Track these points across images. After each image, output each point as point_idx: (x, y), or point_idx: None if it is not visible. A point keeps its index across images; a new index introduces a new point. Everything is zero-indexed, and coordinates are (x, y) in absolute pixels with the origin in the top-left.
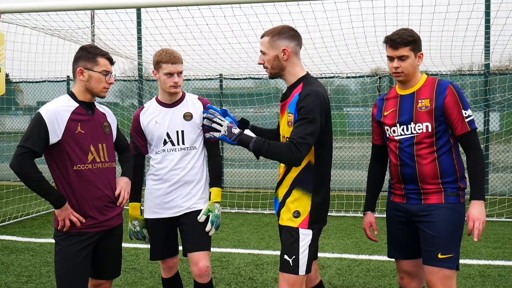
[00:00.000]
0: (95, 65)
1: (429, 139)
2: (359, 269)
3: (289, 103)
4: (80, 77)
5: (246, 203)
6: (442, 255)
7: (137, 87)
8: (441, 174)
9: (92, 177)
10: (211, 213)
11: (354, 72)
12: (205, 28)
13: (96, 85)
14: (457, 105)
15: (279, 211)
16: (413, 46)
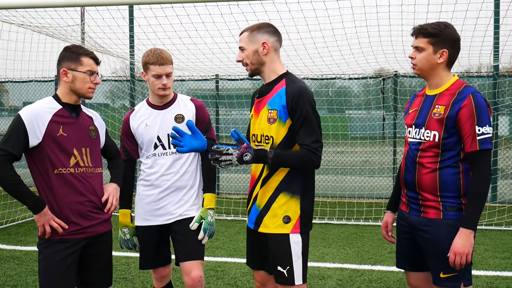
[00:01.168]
0: (79, 65)
1: (434, 149)
2: (361, 280)
3: (269, 99)
4: (64, 78)
5: (243, 210)
6: (444, 274)
7: (128, 88)
8: (441, 187)
9: (74, 182)
10: (204, 220)
11: (356, 73)
12: (201, 27)
13: (81, 85)
14: (472, 119)
15: (260, 218)
16: (434, 39)
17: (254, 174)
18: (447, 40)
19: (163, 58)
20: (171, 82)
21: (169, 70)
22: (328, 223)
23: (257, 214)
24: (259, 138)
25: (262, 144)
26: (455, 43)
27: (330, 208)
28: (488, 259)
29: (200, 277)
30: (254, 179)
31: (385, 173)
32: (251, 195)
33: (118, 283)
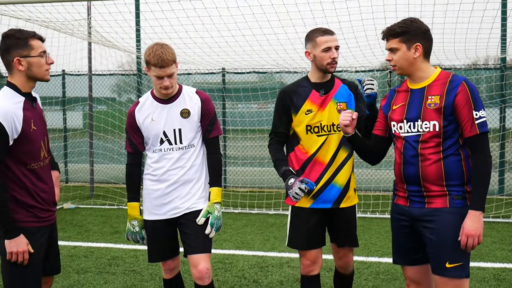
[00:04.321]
0: (31, 49)
1: (436, 139)
2: (368, 272)
3: (334, 94)
4: (19, 67)
5: (250, 203)
6: (450, 264)
7: (135, 82)
8: (446, 176)
9: (42, 173)
10: (211, 215)
11: (363, 66)
12: (207, 20)
13: (39, 70)
14: (468, 104)
15: (342, 195)
16: (403, 37)
17: (322, 161)
18: (417, 34)
19: (164, 61)
20: (174, 81)
21: (170, 71)
22: None
23: (338, 192)
24: (329, 127)
25: (331, 132)
26: (425, 35)
27: None
28: (496, 251)
29: (207, 269)
30: (323, 165)
31: (392, 166)
32: (320, 179)
33: (127, 275)
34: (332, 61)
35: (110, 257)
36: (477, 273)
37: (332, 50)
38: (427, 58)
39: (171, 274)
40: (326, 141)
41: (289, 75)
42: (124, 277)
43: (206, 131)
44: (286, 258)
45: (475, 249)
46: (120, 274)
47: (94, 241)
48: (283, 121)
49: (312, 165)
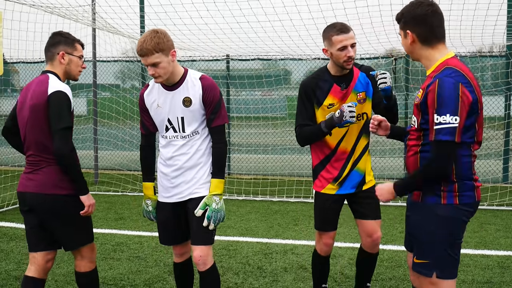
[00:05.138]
0: (74, 50)
1: (417, 133)
2: None
3: (353, 86)
4: (62, 61)
5: (254, 190)
6: (417, 259)
7: (139, 68)
8: None
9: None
10: (208, 207)
11: (368, 53)
12: (212, 6)
13: (75, 68)
14: (433, 106)
15: (364, 180)
16: (400, 24)
17: (345, 150)
18: (407, 21)
19: (142, 49)
20: (162, 71)
21: (151, 60)
22: None
23: (360, 178)
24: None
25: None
26: (416, 20)
27: None
28: (500, 239)
29: (200, 256)
30: (346, 154)
31: (396, 154)
32: (345, 167)
33: (132, 261)
34: (348, 59)
35: (115, 243)
36: (481, 260)
37: (347, 49)
38: (427, 45)
39: (180, 259)
40: (348, 131)
41: (294, 62)
42: (128, 263)
43: (209, 119)
44: (290, 245)
45: (479, 236)
46: (124, 260)
47: (99, 227)
48: (310, 112)
49: (336, 155)
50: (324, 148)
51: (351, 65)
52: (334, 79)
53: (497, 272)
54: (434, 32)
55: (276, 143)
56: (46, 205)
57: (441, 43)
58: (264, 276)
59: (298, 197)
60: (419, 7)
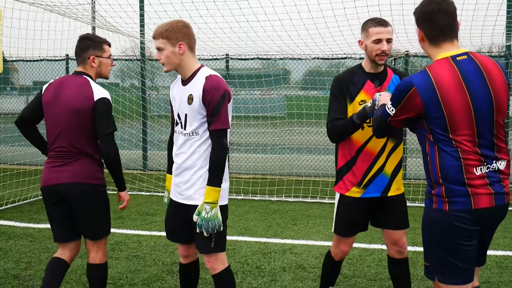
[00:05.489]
0: (103, 52)
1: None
2: (371, 259)
3: (387, 86)
4: (93, 64)
5: (253, 189)
6: (424, 261)
7: (139, 67)
8: (425, 174)
9: None
10: (200, 215)
11: None
12: (212, 5)
13: (105, 69)
14: None
15: (389, 184)
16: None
17: (373, 151)
18: (417, 18)
19: (154, 32)
20: (165, 58)
21: (157, 44)
22: None
23: (386, 182)
24: None
25: None
26: (423, 17)
27: None
28: (499, 239)
29: (207, 262)
30: (373, 155)
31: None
32: (370, 169)
33: (130, 260)
34: (381, 53)
35: (113, 242)
36: None
37: (382, 42)
38: (433, 43)
39: (185, 260)
40: None
41: (293, 62)
42: (127, 262)
43: (208, 122)
44: (288, 244)
45: None
46: (123, 259)
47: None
48: (342, 106)
49: (363, 155)
50: (351, 147)
51: (384, 61)
52: (368, 75)
53: (495, 272)
54: (441, 30)
55: (275, 143)
56: (82, 194)
57: (448, 42)
58: (263, 276)
59: (297, 197)
60: (428, 5)
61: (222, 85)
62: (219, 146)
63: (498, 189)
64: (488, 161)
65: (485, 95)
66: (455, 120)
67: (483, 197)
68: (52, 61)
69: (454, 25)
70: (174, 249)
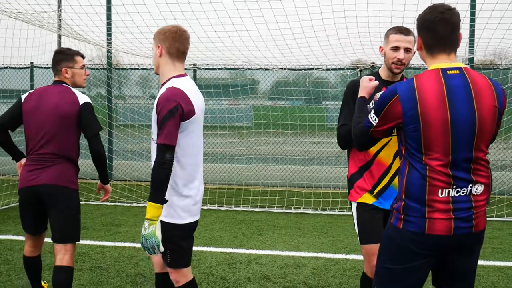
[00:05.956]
0: (75, 63)
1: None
2: (335, 269)
3: None
4: (66, 75)
5: (219, 199)
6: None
7: (105, 76)
8: None
9: None
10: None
11: (334, 64)
12: (179, 15)
13: (79, 78)
14: None
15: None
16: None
17: (385, 162)
18: (417, 25)
19: None
20: (155, 61)
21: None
22: (303, 213)
23: (396, 194)
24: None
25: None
26: (424, 25)
27: (306, 198)
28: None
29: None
30: (384, 167)
31: None
32: (382, 179)
33: (93, 272)
34: (397, 61)
35: (77, 253)
36: None
37: (400, 51)
38: (430, 52)
39: (158, 269)
40: (390, 142)
41: (261, 72)
42: (90, 273)
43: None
44: (254, 254)
45: None
46: (86, 271)
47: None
48: (353, 112)
49: (374, 166)
50: (361, 158)
51: (400, 70)
52: (384, 83)
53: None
54: (439, 41)
55: (242, 153)
56: (58, 196)
57: (444, 54)
58: (228, 287)
59: (263, 207)
60: (430, 13)
61: (175, 98)
62: (159, 161)
63: (463, 216)
64: (460, 184)
65: (467, 115)
66: (430, 136)
67: (439, 222)
68: (16, 69)
69: (455, 37)
70: (138, 260)
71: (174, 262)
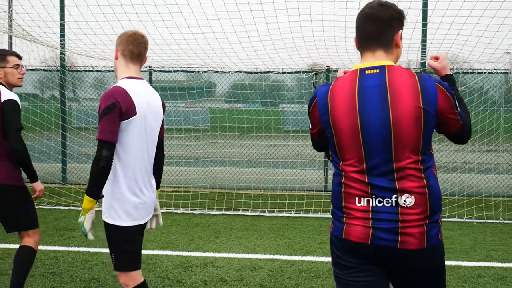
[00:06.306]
0: (6, 62)
1: None
2: (291, 270)
3: None
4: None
5: (175, 202)
6: None
7: (58, 78)
8: None
9: None
10: None
11: (290, 68)
12: (134, 17)
13: (12, 77)
14: None
15: None
16: None
17: None
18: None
19: None
20: (113, 64)
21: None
22: (260, 215)
23: None
24: None
25: None
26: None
27: (263, 200)
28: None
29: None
30: None
31: (316, 166)
32: None
33: (46, 277)
34: None
35: None
36: None
37: None
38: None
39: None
40: None
41: (218, 75)
42: (43, 279)
43: None
44: (210, 258)
45: None
46: (38, 277)
47: (12, 242)
48: None
49: None
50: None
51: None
52: None
53: None
54: (365, 38)
55: (198, 155)
56: (4, 195)
57: (369, 52)
58: None
59: (220, 209)
60: (361, 10)
61: (114, 96)
62: (96, 157)
63: (384, 226)
64: (380, 193)
65: (380, 118)
66: (342, 142)
67: (355, 228)
68: None
69: (383, 33)
70: (92, 265)
71: (118, 265)
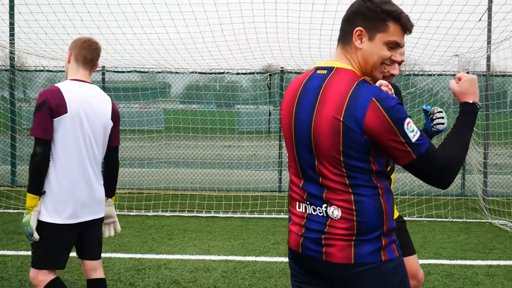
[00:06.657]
0: None
1: None
2: (245, 271)
3: None
4: None
5: (129, 204)
6: None
7: (8, 78)
8: None
9: None
10: None
11: (244, 69)
12: (86, 16)
13: None
14: None
15: None
16: None
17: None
18: None
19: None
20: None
21: None
22: (214, 216)
23: None
24: None
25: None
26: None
27: (217, 201)
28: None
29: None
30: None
31: (270, 167)
32: None
33: None
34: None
35: None
36: None
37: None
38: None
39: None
40: None
41: (172, 75)
42: None
43: None
44: (163, 259)
45: None
46: None
47: None
48: None
49: None
50: None
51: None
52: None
53: None
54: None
55: (152, 157)
56: None
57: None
58: None
59: (174, 211)
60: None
61: (46, 94)
62: (32, 153)
63: (312, 236)
64: (313, 201)
65: (306, 124)
66: (286, 143)
67: (292, 235)
68: None
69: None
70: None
71: (34, 261)
